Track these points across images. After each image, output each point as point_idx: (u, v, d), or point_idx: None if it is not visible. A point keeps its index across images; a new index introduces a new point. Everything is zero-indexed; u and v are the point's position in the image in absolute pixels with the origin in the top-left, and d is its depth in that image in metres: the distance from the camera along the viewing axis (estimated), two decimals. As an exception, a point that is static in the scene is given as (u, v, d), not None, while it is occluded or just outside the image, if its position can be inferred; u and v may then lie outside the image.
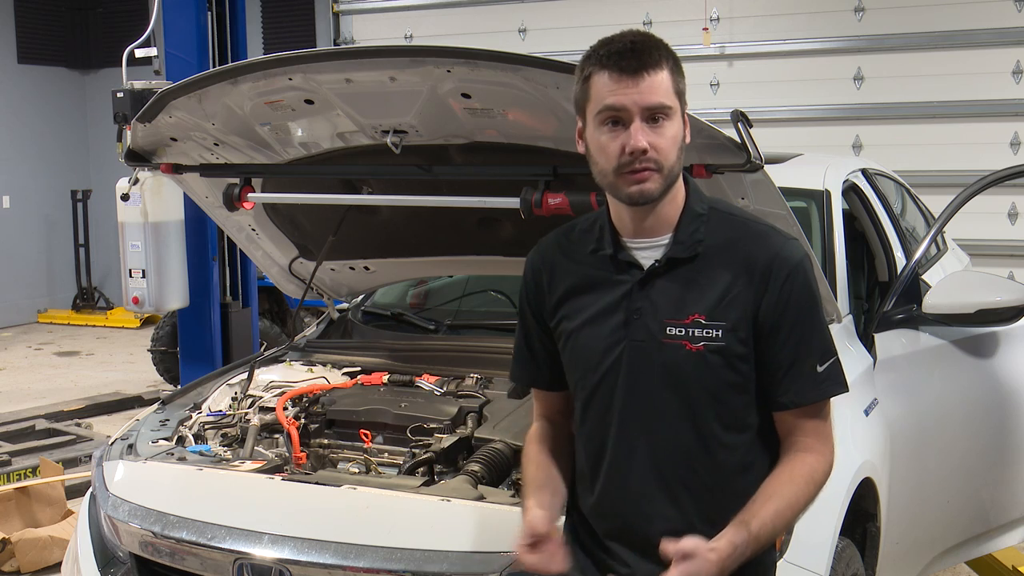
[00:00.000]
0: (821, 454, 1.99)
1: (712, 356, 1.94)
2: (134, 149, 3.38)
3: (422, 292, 4.44)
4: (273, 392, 3.40)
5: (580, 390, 2.08)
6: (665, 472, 2.00)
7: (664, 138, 1.89)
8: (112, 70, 11.40)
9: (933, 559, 3.84)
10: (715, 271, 1.96)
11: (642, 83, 1.87)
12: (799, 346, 1.96)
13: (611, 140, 1.90)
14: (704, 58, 8.61)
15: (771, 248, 1.97)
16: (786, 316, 1.94)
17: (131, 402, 7.97)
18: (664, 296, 1.97)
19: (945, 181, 7.49)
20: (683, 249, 1.97)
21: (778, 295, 1.94)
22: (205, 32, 6.62)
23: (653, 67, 1.88)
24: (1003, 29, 7.81)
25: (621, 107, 1.88)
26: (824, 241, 3.58)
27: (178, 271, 6.52)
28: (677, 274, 1.98)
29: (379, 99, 2.89)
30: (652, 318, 1.97)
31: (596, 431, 2.06)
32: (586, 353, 2.04)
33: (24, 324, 12.09)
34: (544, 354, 2.17)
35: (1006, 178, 4.03)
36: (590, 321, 2.03)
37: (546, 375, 2.18)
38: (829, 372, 1.98)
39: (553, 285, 2.10)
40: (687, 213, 1.99)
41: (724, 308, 1.94)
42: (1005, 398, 3.88)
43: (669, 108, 1.89)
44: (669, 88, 1.90)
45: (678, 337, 1.95)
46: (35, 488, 5.21)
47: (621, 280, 2.01)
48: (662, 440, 1.99)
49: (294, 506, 2.69)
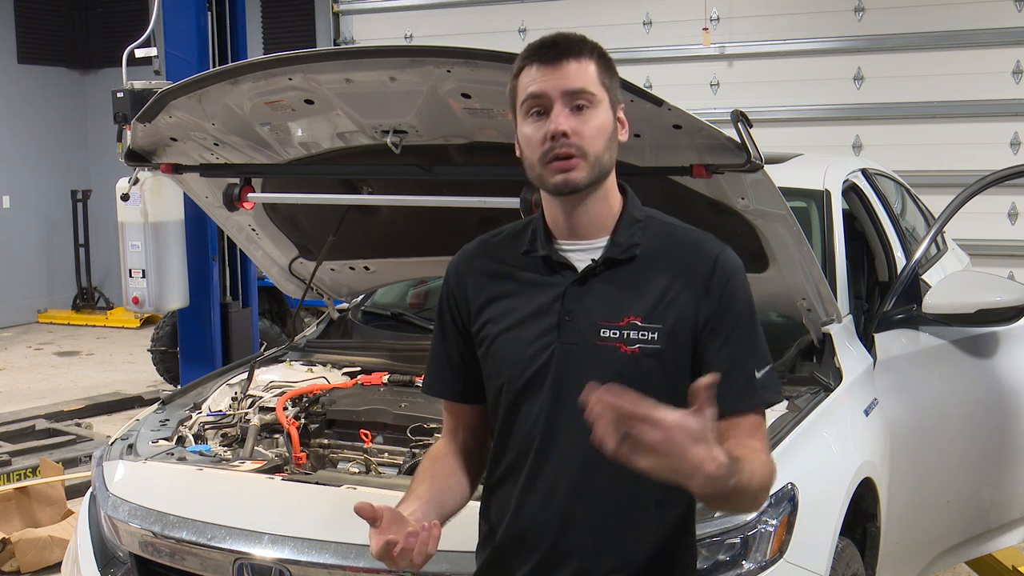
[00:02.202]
0: (767, 455, 1.88)
1: (647, 359, 1.88)
2: (134, 149, 3.38)
3: (422, 292, 4.44)
4: (273, 392, 3.40)
5: (504, 395, 1.97)
6: (589, 481, 1.90)
7: (587, 125, 1.85)
8: (112, 70, 11.40)
9: (933, 559, 3.84)
10: (652, 274, 1.92)
11: (561, 69, 1.85)
12: (737, 352, 1.90)
13: (535, 131, 1.88)
14: (704, 58, 8.62)
15: (710, 253, 1.93)
16: (726, 320, 1.90)
17: (131, 402, 7.98)
18: (599, 298, 1.92)
19: (945, 181, 7.50)
20: (620, 251, 1.93)
21: (719, 299, 1.90)
22: (205, 32, 6.62)
23: (575, 56, 1.86)
24: (1003, 29, 7.82)
25: (541, 93, 1.86)
26: (824, 241, 3.58)
27: (178, 271, 6.52)
28: (613, 276, 1.93)
29: (379, 99, 2.89)
30: (585, 320, 1.91)
31: (518, 438, 1.96)
32: (511, 357, 1.95)
33: (24, 324, 12.10)
34: (460, 364, 2.07)
35: (1006, 178, 4.03)
36: (517, 324, 1.96)
37: (459, 386, 2.09)
38: (766, 379, 1.92)
39: (476, 290, 2.03)
40: (624, 218, 1.95)
41: (661, 311, 1.89)
42: (1005, 398, 3.88)
43: (592, 95, 1.86)
44: (593, 77, 1.87)
45: (612, 339, 1.89)
46: (35, 488, 5.21)
47: (553, 282, 1.95)
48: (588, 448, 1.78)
49: (294, 506, 2.69)
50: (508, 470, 1.99)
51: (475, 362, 2.05)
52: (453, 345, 2.08)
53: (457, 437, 2.12)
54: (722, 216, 2.84)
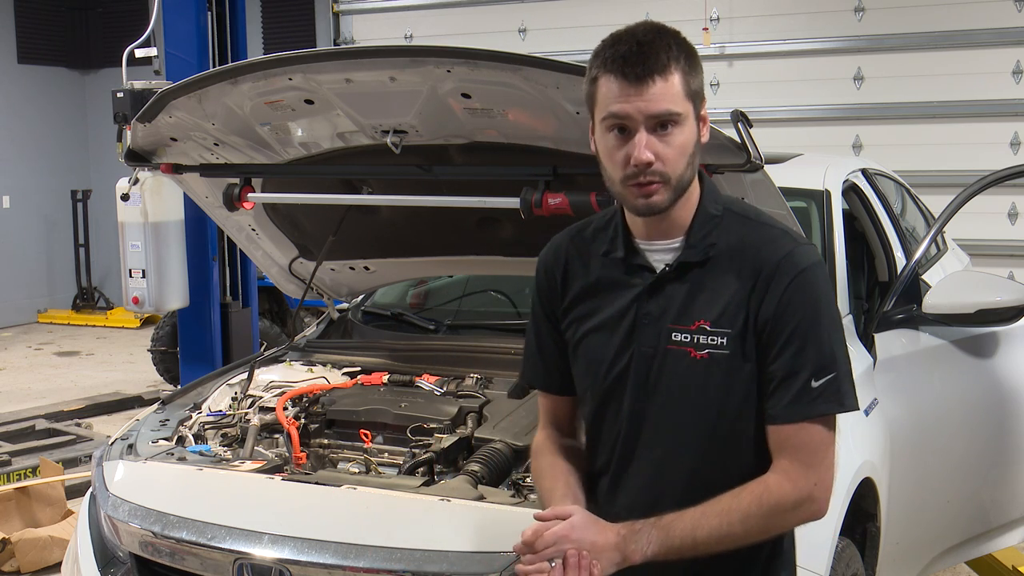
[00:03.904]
0: (788, 479, 1.83)
1: (715, 365, 1.86)
2: (134, 149, 3.38)
3: (422, 292, 4.44)
4: (273, 392, 3.40)
5: (590, 399, 2.01)
6: (673, 483, 1.93)
7: (672, 147, 1.81)
8: (112, 70, 11.40)
9: (933, 559, 3.84)
10: (725, 275, 1.88)
11: (647, 91, 1.78)
12: (795, 357, 1.83)
13: (617, 148, 1.82)
14: (704, 58, 8.51)
15: (780, 251, 1.87)
16: (784, 323, 1.83)
17: (131, 402, 7.98)
18: (672, 301, 1.90)
19: (945, 181, 7.49)
20: (695, 253, 1.90)
21: (778, 300, 1.84)
22: (205, 32, 6.62)
23: (661, 72, 1.79)
24: (1003, 29, 7.81)
25: (625, 115, 1.80)
26: (824, 241, 3.57)
27: (178, 271, 6.52)
28: (687, 278, 1.90)
29: (379, 99, 2.89)
30: (660, 324, 1.90)
31: (606, 443, 2.00)
32: (595, 362, 1.97)
33: (24, 324, 12.10)
34: (555, 356, 2.08)
35: (1006, 178, 4.03)
36: (599, 328, 1.97)
37: (556, 378, 2.10)
38: (824, 388, 1.83)
39: (567, 285, 2.03)
40: (700, 215, 1.91)
41: (730, 315, 1.86)
42: (1005, 398, 3.88)
43: (678, 115, 1.81)
44: (679, 92, 1.81)
45: (683, 344, 1.88)
46: (35, 488, 5.21)
47: (633, 284, 1.94)
48: (668, 453, 1.92)
49: (294, 506, 2.69)
50: (601, 468, 2.03)
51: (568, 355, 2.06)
52: (547, 338, 2.09)
53: (557, 426, 2.14)
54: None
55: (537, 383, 2.16)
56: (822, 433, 1.86)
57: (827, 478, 1.87)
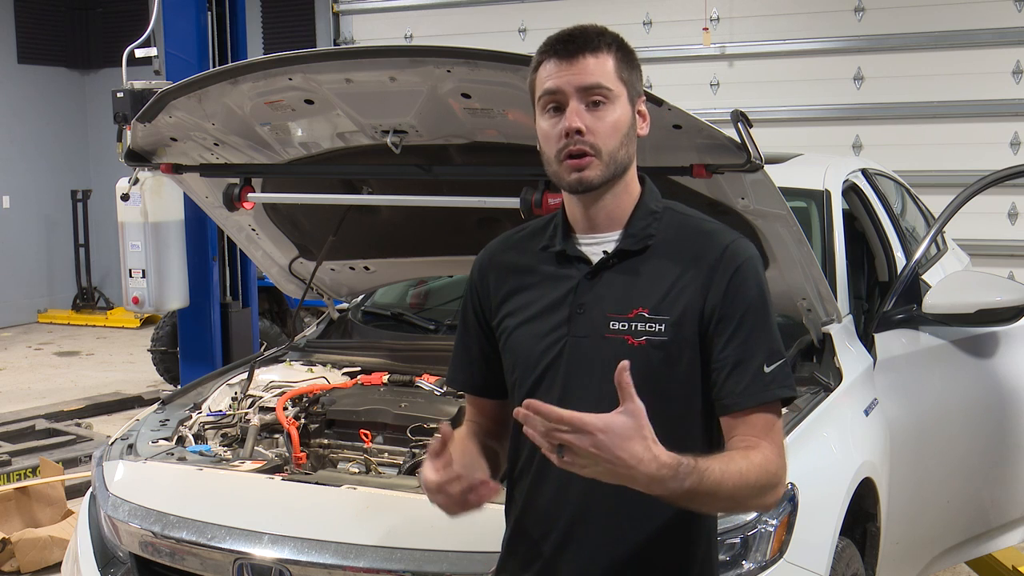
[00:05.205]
0: (773, 452, 1.82)
1: (654, 351, 1.85)
2: (134, 149, 3.38)
3: (422, 292, 4.44)
4: (273, 392, 3.40)
5: (518, 389, 1.97)
6: None
7: (603, 122, 1.84)
8: (112, 70, 11.41)
9: (933, 559, 3.84)
10: (663, 265, 1.89)
11: (577, 64, 1.84)
12: (745, 344, 1.84)
13: (552, 127, 1.86)
14: (704, 58, 8.62)
15: (721, 242, 1.89)
16: (732, 311, 1.85)
17: (131, 402, 7.98)
18: (610, 290, 1.90)
19: (945, 181, 7.50)
20: (633, 242, 1.91)
21: (725, 289, 1.85)
22: (205, 32, 6.62)
23: (593, 50, 1.85)
24: (1003, 29, 7.82)
25: (557, 89, 1.84)
26: (824, 241, 3.58)
27: (178, 271, 6.52)
28: (625, 267, 1.91)
29: (379, 99, 2.89)
30: (596, 313, 1.90)
31: None
32: (525, 351, 1.96)
33: (24, 324, 12.10)
34: (481, 357, 2.08)
35: (1006, 178, 4.03)
36: (532, 318, 1.96)
37: (479, 379, 2.09)
38: (776, 374, 1.85)
39: (498, 284, 2.04)
40: (640, 209, 1.94)
41: (669, 302, 1.86)
42: (1005, 398, 3.88)
43: (608, 90, 1.84)
44: (611, 72, 1.85)
45: (620, 332, 1.87)
46: (35, 488, 5.21)
47: (568, 275, 1.95)
48: None
49: (294, 506, 2.69)
50: (525, 463, 1.99)
51: (496, 357, 2.05)
52: (475, 340, 2.09)
53: (480, 427, 2.12)
54: (722, 216, 2.83)
55: (460, 383, 2.15)
56: (774, 419, 1.87)
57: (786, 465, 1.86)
